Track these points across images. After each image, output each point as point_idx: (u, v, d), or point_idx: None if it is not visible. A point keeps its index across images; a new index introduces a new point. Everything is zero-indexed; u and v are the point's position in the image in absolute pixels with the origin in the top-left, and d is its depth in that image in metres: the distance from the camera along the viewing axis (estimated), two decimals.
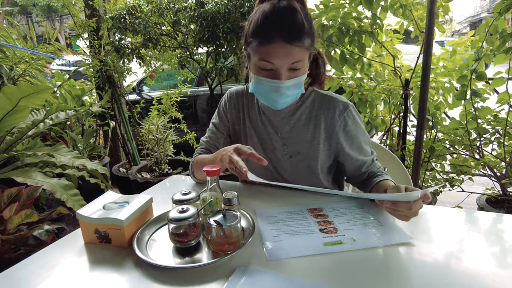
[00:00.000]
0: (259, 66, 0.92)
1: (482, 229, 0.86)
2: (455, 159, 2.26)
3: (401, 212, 0.78)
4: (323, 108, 1.07)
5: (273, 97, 0.95)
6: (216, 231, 0.74)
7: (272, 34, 0.87)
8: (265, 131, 1.13)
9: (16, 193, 1.32)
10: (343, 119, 1.05)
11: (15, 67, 2.64)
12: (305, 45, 0.90)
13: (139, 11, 2.34)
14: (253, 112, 1.15)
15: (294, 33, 0.87)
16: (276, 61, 0.89)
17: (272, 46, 0.88)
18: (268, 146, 1.13)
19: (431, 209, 0.96)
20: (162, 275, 0.69)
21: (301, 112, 1.09)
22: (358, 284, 0.64)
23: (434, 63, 2.05)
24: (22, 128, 1.68)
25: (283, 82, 0.91)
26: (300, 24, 0.88)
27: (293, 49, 0.88)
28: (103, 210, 0.83)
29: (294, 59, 0.89)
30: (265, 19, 0.88)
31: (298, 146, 1.09)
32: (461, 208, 2.26)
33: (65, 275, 0.71)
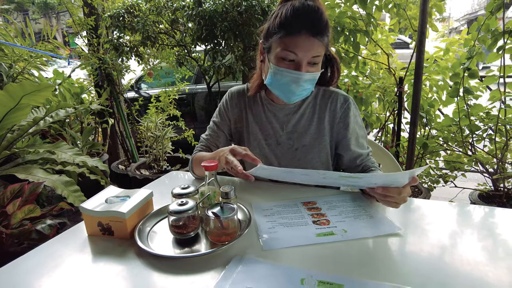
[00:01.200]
0: (281, 56, 0.97)
1: (472, 222, 0.90)
2: (449, 155, 2.31)
3: (391, 198, 0.83)
4: (326, 101, 1.13)
5: (291, 88, 0.99)
6: (214, 223, 0.78)
7: (300, 27, 0.93)
8: (270, 126, 1.17)
9: (19, 189, 1.35)
10: (344, 110, 1.11)
11: (14, 65, 2.66)
12: (324, 42, 0.97)
13: (138, 10, 2.37)
14: (256, 109, 1.19)
15: (319, 28, 0.94)
16: (299, 52, 0.95)
17: (298, 38, 0.94)
18: (273, 142, 1.17)
19: (424, 203, 1.00)
20: (162, 265, 0.73)
21: (305, 107, 1.14)
22: (348, 271, 0.68)
23: (428, 61, 2.09)
24: (23, 126, 1.71)
25: (303, 74, 0.96)
26: (325, 22, 0.96)
27: (316, 43, 0.94)
28: (106, 204, 0.86)
29: (315, 53, 0.95)
30: (295, 12, 0.94)
31: (304, 139, 1.14)
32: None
33: (69, 266, 0.74)
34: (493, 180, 2.15)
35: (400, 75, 2.01)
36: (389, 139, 2.26)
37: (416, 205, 1.00)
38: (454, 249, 0.75)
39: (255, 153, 1.18)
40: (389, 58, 1.93)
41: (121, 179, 2.99)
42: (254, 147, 1.19)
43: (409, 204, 1.01)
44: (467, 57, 1.97)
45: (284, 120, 1.15)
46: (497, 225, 0.87)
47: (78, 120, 3.01)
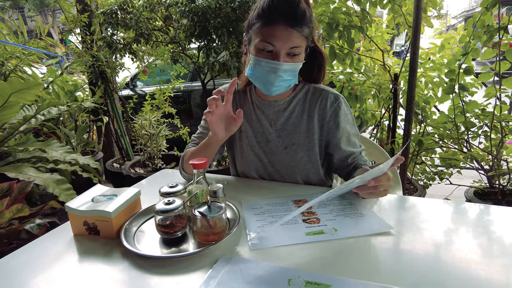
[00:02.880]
0: (260, 47, 0.96)
1: (466, 219, 0.89)
2: (445, 152, 2.30)
3: (381, 187, 0.84)
4: (316, 99, 1.11)
5: (270, 79, 0.98)
6: (201, 222, 0.76)
7: (276, 17, 0.93)
8: (259, 124, 1.15)
9: (7, 188, 1.33)
10: (334, 109, 1.09)
11: (6, 62, 2.63)
12: (304, 33, 0.95)
13: (131, 6, 2.34)
14: (246, 106, 1.17)
15: (296, 19, 0.93)
16: (277, 43, 0.94)
17: (274, 28, 0.93)
18: (263, 139, 1.15)
19: (418, 201, 0.99)
20: (148, 265, 0.71)
21: (295, 104, 1.12)
22: (338, 271, 0.67)
23: (423, 58, 2.07)
24: (13, 124, 1.69)
25: (281, 64, 0.95)
26: (303, 12, 0.94)
27: (294, 33, 0.93)
28: (92, 203, 0.85)
29: (293, 44, 0.94)
30: (271, 3, 0.94)
31: (293, 137, 1.12)
32: (449, 200, 2.31)
33: (53, 266, 0.73)
34: (488, 177, 2.15)
35: (395, 71, 1.99)
36: (384, 136, 2.25)
37: (411, 203, 0.99)
38: (448, 248, 0.74)
39: (246, 151, 1.17)
40: (383, 55, 1.91)
41: (115, 177, 2.97)
42: (246, 144, 1.17)
43: (403, 202, 1.00)
44: (462, 54, 1.96)
45: (273, 117, 1.14)
46: (492, 223, 0.86)
47: (72, 118, 2.98)
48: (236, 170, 1.25)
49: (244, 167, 1.20)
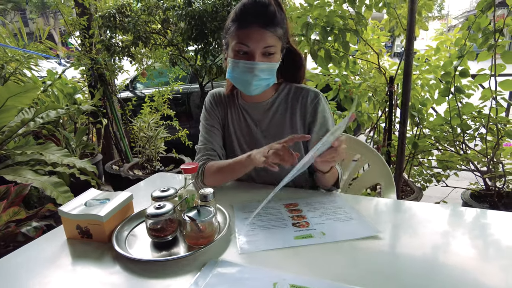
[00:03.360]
0: (236, 49, 1.01)
1: (459, 223, 0.90)
2: (442, 154, 2.30)
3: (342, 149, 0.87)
4: (297, 97, 1.15)
5: (247, 79, 1.02)
6: (190, 226, 0.77)
7: (249, 20, 0.98)
8: (246, 125, 1.18)
9: (4, 191, 1.35)
10: (314, 106, 1.13)
11: (6, 65, 2.65)
12: (277, 33, 0.99)
13: (129, 10, 2.36)
14: (234, 108, 1.20)
15: (267, 20, 0.98)
16: (251, 44, 0.98)
17: (248, 30, 0.98)
18: (250, 139, 1.18)
19: (411, 204, 1.00)
20: (139, 268, 0.73)
21: (278, 104, 1.16)
22: (324, 274, 0.68)
23: (419, 61, 2.08)
24: (12, 127, 1.71)
25: (257, 63, 1.00)
26: (273, 14, 0.99)
27: (267, 34, 0.98)
28: (85, 207, 0.86)
29: (266, 43, 0.99)
30: (244, 7, 1.00)
31: (278, 137, 1.13)
32: (446, 202, 2.32)
33: (47, 269, 0.74)
34: (484, 180, 2.15)
35: (391, 74, 2.00)
36: (381, 139, 2.26)
37: (405, 206, 1.00)
38: (437, 252, 0.75)
39: (236, 151, 1.20)
40: (379, 57, 1.92)
41: (114, 180, 2.99)
42: (235, 145, 1.20)
43: (397, 205, 1.01)
44: (458, 56, 1.97)
45: (258, 118, 1.17)
46: (487, 226, 0.86)
47: (72, 120, 3.00)
48: None
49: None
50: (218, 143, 1.19)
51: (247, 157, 1.02)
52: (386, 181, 1.46)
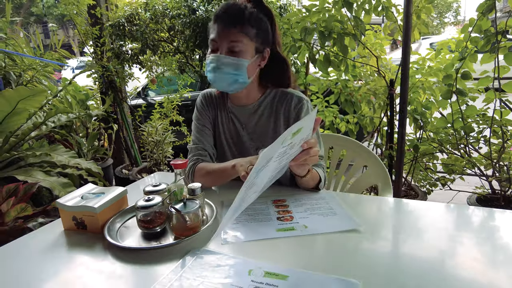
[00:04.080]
0: (210, 46, 1.09)
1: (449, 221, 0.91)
2: (448, 158, 2.28)
3: (313, 151, 0.88)
4: (282, 102, 1.18)
5: (216, 73, 1.07)
6: (175, 217, 0.82)
7: (219, 19, 1.06)
8: (234, 127, 1.22)
9: (14, 189, 1.43)
10: (297, 111, 1.15)
11: (23, 74, 2.79)
12: (244, 31, 1.05)
13: (137, 19, 2.46)
14: (223, 110, 1.25)
15: (234, 18, 1.05)
16: (218, 39, 1.06)
17: (217, 27, 1.06)
18: (238, 141, 1.22)
19: (401, 202, 1.02)
20: (127, 256, 0.77)
21: (263, 108, 1.20)
22: (299, 264, 0.71)
23: (420, 64, 2.09)
24: (24, 130, 1.80)
25: (219, 56, 1.05)
26: (241, 13, 1.05)
27: (232, 30, 1.04)
28: (81, 199, 0.92)
29: (231, 39, 1.04)
30: (219, 8, 1.09)
31: (263, 139, 1.18)
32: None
33: (43, 256, 0.80)
34: (490, 183, 2.12)
35: (391, 77, 2.01)
36: (384, 142, 2.26)
37: (415, 207, 1.01)
38: (417, 245, 0.77)
39: (225, 152, 1.24)
40: (378, 61, 1.94)
41: (124, 183, 3.04)
42: (224, 145, 1.24)
43: (386, 202, 1.03)
44: (459, 58, 1.97)
45: (245, 121, 1.21)
46: (489, 226, 0.87)
47: (84, 126, 3.11)
48: None
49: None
50: (209, 143, 1.23)
51: (231, 167, 1.04)
52: (383, 182, 1.47)
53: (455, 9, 26.08)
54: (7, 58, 2.84)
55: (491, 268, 0.67)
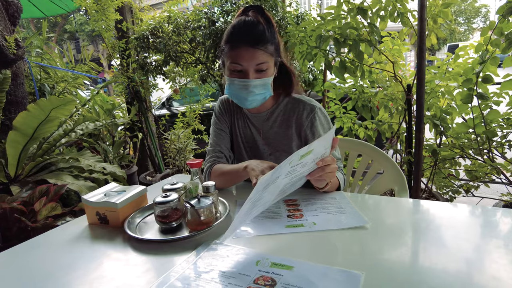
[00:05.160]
0: (231, 68, 1.09)
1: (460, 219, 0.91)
2: (471, 164, 2.23)
3: (328, 168, 0.89)
4: (294, 110, 1.21)
5: (243, 95, 1.10)
6: (190, 212, 0.86)
7: (239, 40, 1.06)
8: (250, 132, 1.27)
9: (45, 190, 1.54)
10: (310, 120, 1.18)
11: (56, 85, 2.98)
12: (268, 51, 1.07)
13: (161, 31, 2.58)
14: (239, 116, 1.30)
15: (256, 39, 1.05)
16: (243, 62, 1.06)
17: (239, 50, 1.06)
18: (253, 145, 1.27)
19: (414, 202, 1.02)
20: (144, 248, 0.82)
21: (277, 115, 1.23)
22: (306, 257, 0.73)
23: (439, 69, 2.06)
24: (55, 137, 1.93)
25: (251, 81, 1.07)
26: (262, 32, 1.06)
27: (257, 52, 1.05)
28: (104, 196, 0.99)
29: (258, 61, 1.06)
30: (233, 29, 1.08)
31: (276, 145, 1.22)
32: None
33: (68, 248, 0.87)
34: None
35: (409, 82, 2.01)
36: (403, 148, 2.23)
37: (431, 206, 1.02)
38: (425, 245, 0.78)
39: (241, 156, 1.29)
40: (394, 66, 1.94)
41: None
42: (241, 150, 1.29)
43: (399, 202, 1.04)
44: (479, 62, 1.93)
45: (260, 127, 1.25)
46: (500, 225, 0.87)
47: (110, 134, 3.27)
48: None
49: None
50: (225, 146, 1.28)
51: (243, 168, 1.05)
52: (399, 186, 1.47)
53: (484, 14, 25.26)
54: (42, 72, 3.05)
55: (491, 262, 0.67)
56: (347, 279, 0.63)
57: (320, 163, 0.88)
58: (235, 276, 0.66)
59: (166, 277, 0.68)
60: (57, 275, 0.73)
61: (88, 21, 17.96)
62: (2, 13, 2.46)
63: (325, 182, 0.98)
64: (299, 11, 2.74)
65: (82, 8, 2.99)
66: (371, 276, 0.64)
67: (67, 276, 0.72)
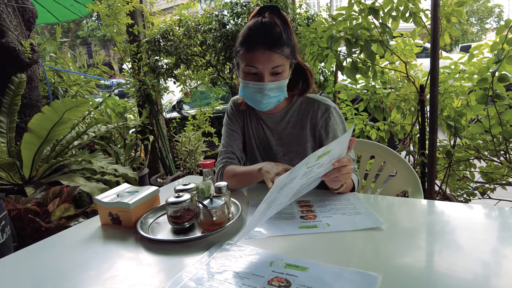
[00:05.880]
0: (246, 71, 1.08)
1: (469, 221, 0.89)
2: (487, 166, 2.17)
3: (345, 169, 0.87)
4: (308, 110, 1.20)
5: (257, 98, 1.09)
6: (202, 212, 0.86)
7: (255, 43, 1.04)
8: (263, 133, 1.26)
9: (59, 191, 1.56)
10: (325, 119, 1.17)
11: (69, 89, 3.03)
12: (284, 53, 1.05)
13: (172, 35, 2.60)
14: (252, 117, 1.29)
15: (273, 41, 1.03)
16: (259, 65, 1.04)
17: (255, 53, 1.04)
18: (266, 146, 1.26)
19: (427, 202, 1.00)
20: (156, 248, 0.82)
21: (291, 115, 1.22)
22: (320, 258, 0.72)
23: (452, 69, 2.03)
24: (68, 139, 1.96)
25: (266, 84, 1.06)
26: (279, 35, 1.04)
27: (273, 55, 1.03)
28: (116, 197, 0.99)
29: (274, 64, 1.04)
30: (250, 31, 1.06)
31: (290, 145, 1.21)
32: None
33: (81, 248, 0.87)
34: None
35: (422, 82, 1.97)
36: (416, 149, 2.19)
37: (419, 203, 1.00)
38: (441, 245, 0.76)
39: (254, 157, 1.28)
40: (406, 66, 1.91)
41: None
42: (253, 151, 1.28)
43: (413, 202, 1.01)
44: (495, 61, 1.89)
45: (274, 127, 1.24)
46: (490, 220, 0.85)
47: (122, 137, 3.30)
48: None
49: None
50: (238, 147, 1.28)
51: (257, 170, 1.04)
52: (413, 187, 1.44)
53: (497, 14, 24.80)
54: (56, 76, 3.11)
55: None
56: (363, 280, 0.62)
57: (336, 164, 0.87)
58: (248, 277, 0.66)
59: (179, 277, 0.67)
60: (70, 274, 0.73)
61: (100, 26, 18.28)
62: (18, 18, 2.51)
63: (340, 183, 0.96)
64: (309, 12, 2.73)
65: (94, 13, 3.04)
66: (388, 279, 0.62)
67: (80, 275, 0.73)
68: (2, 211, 1.15)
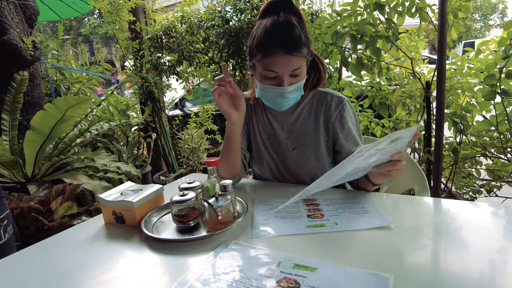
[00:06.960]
0: (264, 75, 1.05)
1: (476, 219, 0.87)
2: (493, 164, 2.15)
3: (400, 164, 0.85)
4: (322, 102, 1.17)
5: (278, 101, 1.08)
6: (208, 211, 0.84)
7: (274, 47, 0.99)
8: (271, 127, 1.24)
9: (62, 189, 1.55)
10: (339, 112, 1.15)
11: (71, 86, 3.02)
12: (303, 54, 1.02)
13: (174, 31, 2.58)
14: (258, 111, 1.26)
15: (293, 45, 0.99)
16: (278, 70, 1.01)
17: (274, 58, 1.00)
18: (274, 141, 1.24)
19: (437, 201, 0.98)
20: (161, 247, 0.81)
21: (302, 108, 1.20)
22: (328, 258, 0.70)
23: (459, 65, 2.00)
24: (71, 137, 1.95)
25: (286, 88, 1.03)
26: (298, 37, 1.00)
27: (293, 59, 1.00)
28: (120, 195, 0.97)
29: (294, 67, 1.01)
30: (267, 33, 1.01)
31: (301, 139, 1.19)
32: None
33: (85, 247, 0.85)
34: None
35: (427, 79, 1.95)
36: (421, 146, 2.17)
37: (450, 206, 0.98)
38: (449, 245, 0.74)
39: (261, 151, 1.25)
40: (412, 63, 1.89)
41: None
42: (260, 145, 1.25)
43: (419, 201, 1.00)
44: (503, 57, 1.86)
45: (283, 120, 1.21)
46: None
47: (124, 134, 3.29)
48: (254, 173, 1.33)
49: (259, 167, 1.27)
50: (243, 142, 1.26)
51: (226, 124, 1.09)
52: (420, 185, 1.42)
53: (501, 10, 24.57)
54: (58, 73, 3.09)
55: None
56: (375, 281, 0.60)
57: (395, 156, 0.84)
58: (256, 277, 0.64)
59: (185, 278, 0.66)
60: (74, 274, 0.72)
61: (101, 24, 18.27)
62: (19, 15, 2.50)
63: (389, 178, 0.92)
64: (312, 8, 2.70)
65: (96, 10, 3.02)
66: (400, 279, 0.61)
67: (83, 275, 0.71)
68: (5, 210, 1.13)
